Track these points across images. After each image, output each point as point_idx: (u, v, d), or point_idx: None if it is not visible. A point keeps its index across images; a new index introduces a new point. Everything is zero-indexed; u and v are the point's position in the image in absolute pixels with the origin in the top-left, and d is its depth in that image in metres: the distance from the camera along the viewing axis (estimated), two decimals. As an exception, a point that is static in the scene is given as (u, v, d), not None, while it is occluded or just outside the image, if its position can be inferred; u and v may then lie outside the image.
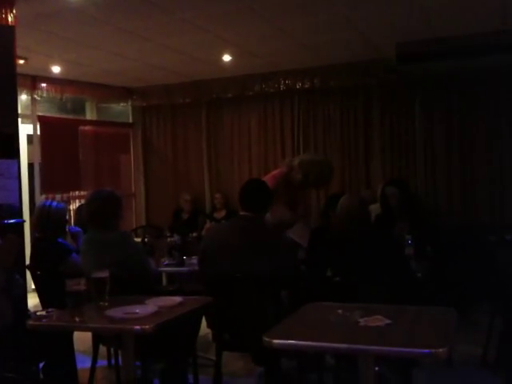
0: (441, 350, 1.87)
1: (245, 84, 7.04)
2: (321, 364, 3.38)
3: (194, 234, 5.83)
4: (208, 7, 4.38)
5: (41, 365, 3.33)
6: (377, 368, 2.37)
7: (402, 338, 2.08)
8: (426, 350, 1.91)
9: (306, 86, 6.75)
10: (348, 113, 6.81)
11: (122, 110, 8.01)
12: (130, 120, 7.96)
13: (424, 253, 3.78)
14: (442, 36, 5.39)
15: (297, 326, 2.35)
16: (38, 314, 2.67)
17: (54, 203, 3.85)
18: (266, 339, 2.08)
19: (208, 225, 6.62)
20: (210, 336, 3.59)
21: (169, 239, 4.87)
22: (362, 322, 2.20)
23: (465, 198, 6.28)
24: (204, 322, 3.35)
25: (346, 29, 5.10)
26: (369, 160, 6.73)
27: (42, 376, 3.32)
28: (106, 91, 7.36)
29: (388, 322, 2.18)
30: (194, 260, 3.99)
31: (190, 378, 3.31)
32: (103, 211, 3.23)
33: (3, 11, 3.41)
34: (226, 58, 6.02)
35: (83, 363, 3.53)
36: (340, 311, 2.32)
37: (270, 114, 7.20)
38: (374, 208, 4.74)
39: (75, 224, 4.46)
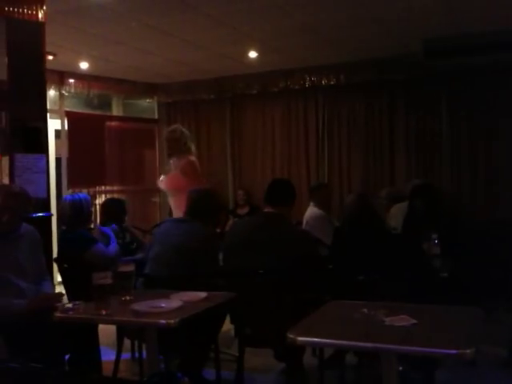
0: (468, 350, 1.85)
1: (269, 80, 7.03)
2: (342, 362, 3.37)
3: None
4: (233, 3, 4.39)
5: (67, 357, 3.38)
6: (401, 368, 2.36)
7: (428, 337, 2.05)
8: (454, 351, 1.88)
9: (331, 83, 6.71)
10: (373, 110, 6.74)
11: (148, 105, 8.07)
12: (156, 116, 8.02)
13: (449, 252, 3.73)
14: (469, 31, 5.30)
15: (321, 323, 2.33)
16: (65, 306, 2.70)
17: (83, 195, 3.92)
18: (291, 336, 2.07)
19: (231, 221, 6.63)
20: (233, 331, 3.61)
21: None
22: (388, 321, 2.18)
23: (491, 198, 6.17)
24: (227, 318, 3.37)
25: (371, 24, 5.06)
26: (393, 157, 6.65)
27: (67, 367, 3.37)
28: (132, 87, 7.42)
29: (414, 321, 2.16)
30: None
31: (212, 372, 3.33)
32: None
33: (34, 8, 3.46)
34: (251, 54, 6.02)
35: (107, 356, 3.57)
36: (365, 310, 2.30)
37: (293, 111, 7.17)
38: (401, 207, 4.68)
39: None
